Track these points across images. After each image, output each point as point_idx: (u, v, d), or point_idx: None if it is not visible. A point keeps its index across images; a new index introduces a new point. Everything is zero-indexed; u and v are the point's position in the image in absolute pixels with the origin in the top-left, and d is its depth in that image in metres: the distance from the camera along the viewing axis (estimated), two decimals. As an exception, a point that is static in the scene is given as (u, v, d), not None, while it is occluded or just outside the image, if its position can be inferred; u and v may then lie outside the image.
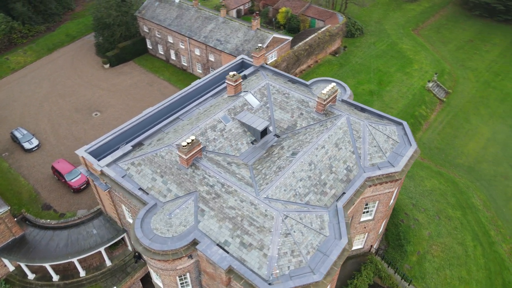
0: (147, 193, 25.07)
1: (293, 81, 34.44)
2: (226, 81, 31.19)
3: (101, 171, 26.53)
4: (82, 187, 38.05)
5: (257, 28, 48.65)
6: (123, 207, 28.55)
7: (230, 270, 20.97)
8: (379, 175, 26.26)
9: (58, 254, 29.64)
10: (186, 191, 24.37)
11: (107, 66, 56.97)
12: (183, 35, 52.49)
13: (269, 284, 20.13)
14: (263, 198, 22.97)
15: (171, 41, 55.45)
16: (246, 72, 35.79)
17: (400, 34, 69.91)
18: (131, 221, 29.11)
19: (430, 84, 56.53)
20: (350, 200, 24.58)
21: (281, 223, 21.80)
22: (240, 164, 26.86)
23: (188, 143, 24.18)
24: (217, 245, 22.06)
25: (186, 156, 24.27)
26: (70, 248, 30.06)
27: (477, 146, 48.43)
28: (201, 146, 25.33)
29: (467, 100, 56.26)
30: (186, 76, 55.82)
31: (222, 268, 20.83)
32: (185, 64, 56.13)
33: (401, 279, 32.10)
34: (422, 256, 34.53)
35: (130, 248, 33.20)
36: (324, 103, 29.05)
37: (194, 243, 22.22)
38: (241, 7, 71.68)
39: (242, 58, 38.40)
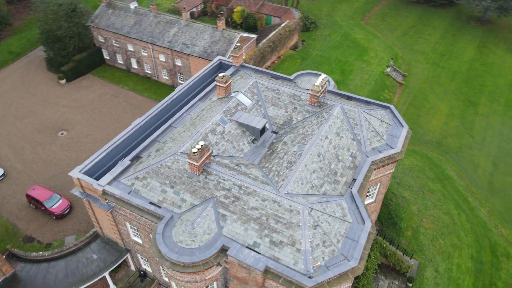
0: (159, 207, 23.98)
1: (276, 77, 34.66)
2: (216, 83, 30.67)
3: (103, 190, 24.91)
4: (65, 213, 35.40)
5: (223, 29, 48.26)
6: (128, 225, 27.06)
7: (266, 271, 20.76)
8: (382, 158, 27.36)
9: (59, 287, 27.38)
10: (202, 199, 23.66)
11: (63, 81, 53.35)
12: (145, 41, 50.62)
13: (309, 277, 20.23)
14: (284, 194, 22.98)
15: (132, 49, 53.22)
16: (228, 72, 35.42)
17: (351, 25, 73.01)
18: (138, 239, 27.67)
19: (388, 69, 59.76)
20: (361, 185, 25.36)
21: (308, 216, 21.96)
22: (247, 164, 26.60)
23: (198, 149, 23.49)
24: (247, 247, 21.71)
25: (198, 162, 23.55)
26: (71, 278, 27.92)
27: (440, 122, 52.09)
28: (210, 151, 24.72)
29: (422, 81, 60.20)
30: (151, 84, 53.93)
31: (258, 270, 20.56)
32: (149, 72, 54.19)
33: (403, 255, 33.72)
34: (415, 230, 36.52)
35: (133, 267, 31.54)
36: (317, 95, 29.63)
37: (223, 249, 21.69)
38: (194, 10, 70.61)
39: (220, 59, 37.91)
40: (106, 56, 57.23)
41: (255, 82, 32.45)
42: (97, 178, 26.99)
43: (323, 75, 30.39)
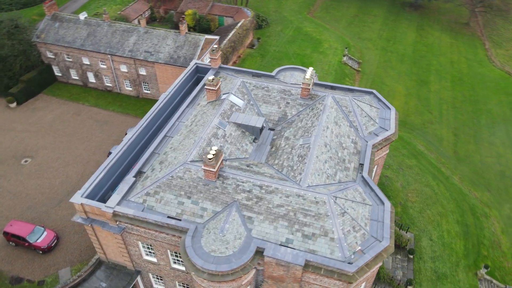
0: (179, 219, 23.04)
1: (258, 75, 34.71)
2: (206, 87, 30.01)
3: (114, 212, 23.35)
4: (52, 245, 32.57)
5: (186, 32, 47.19)
6: (140, 245, 25.63)
7: (306, 265, 20.88)
8: (380, 141, 28.66)
9: (71, 324, 25.27)
10: (223, 204, 23.12)
11: (13, 104, 48.79)
12: (103, 53, 47.90)
13: (349, 263, 20.71)
14: (306, 187, 23.23)
15: (88, 63, 50.08)
16: (209, 75, 34.83)
17: (300, 19, 75.02)
18: (151, 258, 26.30)
19: (345, 58, 62.39)
20: (370, 168, 26.40)
21: (334, 205, 22.43)
22: (257, 164, 26.44)
23: (214, 155, 22.90)
24: (280, 245, 21.64)
25: (215, 168, 22.97)
26: (83, 312, 25.87)
27: (400, 103, 55.53)
28: (223, 156, 24.21)
29: (375, 66, 63.69)
30: (114, 97, 51.22)
31: (299, 265, 20.63)
32: (110, 85, 51.40)
33: (400, 229, 35.64)
34: (404, 205, 38.75)
35: (142, 289, 29.93)
36: (309, 87, 30.22)
37: (258, 251, 21.42)
38: (142, 16, 67.97)
39: (196, 63, 37.11)
40: (57, 73, 53.23)
41: (243, 82, 32.26)
42: (101, 201, 25.28)
43: (310, 68, 31.03)
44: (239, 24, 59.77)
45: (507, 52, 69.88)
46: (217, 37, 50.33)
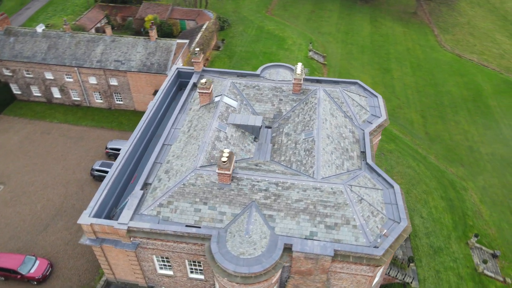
0: (199, 227, 22.49)
1: (243, 75, 34.63)
2: (199, 90, 29.48)
3: (128, 228, 22.30)
4: (47, 274, 30.41)
5: (156, 38, 45.91)
6: (155, 260, 24.68)
7: (335, 254, 21.24)
8: (375, 128, 29.76)
9: None
10: (242, 206, 22.90)
11: (-29, 129, 44.81)
12: (68, 66, 45.31)
13: (375, 247, 21.37)
14: (321, 180, 23.61)
15: (52, 77, 47.15)
16: (194, 79, 34.27)
17: (260, 18, 75.61)
18: (167, 272, 25.41)
19: (310, 53, 63.84)
20: (372, 155, 27.33)
21: (351, 193, 23.01)
22: (265, 162, 26.44)
23: (227, 157, 22.60)
24: (306, 239, 21.85)
25: (230, 171, 22.67)
26: (99, 338, 24.42)
27: (369, 92, 57.73)
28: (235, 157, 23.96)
29: (339, 58, 65.79)
30: (84, 111, 48.65)
31: (328, 256, 20.97)
32: (78, 99, 48.74)
33: (393, 211, 37.18)
34: (392, 188, 40.42)
35: (155, 305, 28.79)
36: (301, 83, 30.68)
37: (286, 248, 21.46)
38: (99, 25, 65.14)
39: (178, 68, 36.27)
40: (16, 91, 49.57)
41: (232, 83, 32.04)
42: (107, 219, 24.06)
43: (299, 64, 31.48)
44: (204, 27, 59.09)
45: (454, 37, 75.09)
46: (186, 41, 49.53)
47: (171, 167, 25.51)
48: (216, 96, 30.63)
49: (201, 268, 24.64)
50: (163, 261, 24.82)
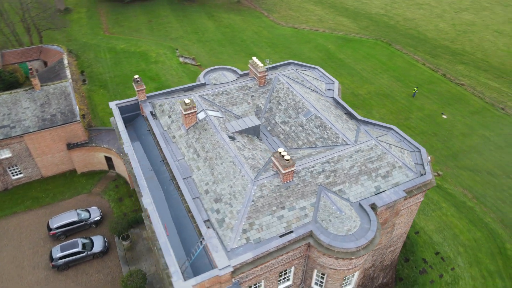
0: (291, 231, 22.03)
1: (191, 88, 33.18)
2: (184, 112, 27.16)
3: (234, 268, 20.05)
4: None
5: (42, 85, 37.91)
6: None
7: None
8: (337, 92, 33.67)
9: None
10: (314, 194, 23.44)
11: None
12: None
13: (422, 175, 25.53)
14: (355, 142, 26.13)
15: None
16: (147, 109, 30.99)
17: (103, 39, 69.53)
18: (258, 296, 23.75)
19: (181, 59, 63.27)
20: (355, 112, 31.18)
21: (384, 144, 26.36)
22: (291, 150, 27.08)
23: (288, 154, 22.58)
24: (376, 194, 24.26)
25: (294, 166, 22.76)
26: None
27: (253, 77, 61.83)
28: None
29: (207, 56, 67.24)
30: (-30, 205, 36.62)
31: (403, 198, 23.99)
32: (-46, 194, 36.19)
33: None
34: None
35: None
36: (265, 75, 31.82)
37: (372, 208, 23.42)
38: None
39: (117, 104, 31.71)
40: None
41: (200, 96, 30.58)
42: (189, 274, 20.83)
43: (254, 58, 32.31)
44: (65, 62, 51.00)
45: (280, 14, 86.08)
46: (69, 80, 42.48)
47: (218, 193, 23.47)
48: (197, 114, 28.79)
49: (290, 273, 24.13)
50: (262, 282, 23.14)
